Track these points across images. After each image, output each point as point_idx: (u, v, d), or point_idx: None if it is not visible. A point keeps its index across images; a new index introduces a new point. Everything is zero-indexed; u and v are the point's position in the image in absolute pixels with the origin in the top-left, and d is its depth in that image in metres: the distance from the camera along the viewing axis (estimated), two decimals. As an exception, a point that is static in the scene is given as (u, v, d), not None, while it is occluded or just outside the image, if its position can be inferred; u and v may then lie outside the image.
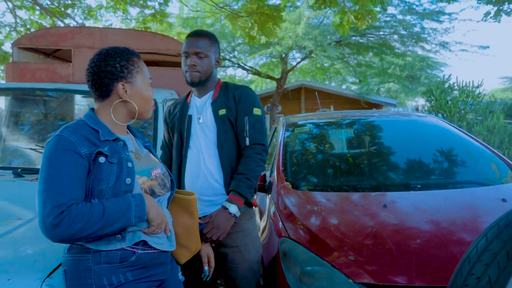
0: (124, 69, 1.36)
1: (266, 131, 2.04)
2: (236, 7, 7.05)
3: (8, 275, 1.30)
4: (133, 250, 1.30)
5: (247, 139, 1.91)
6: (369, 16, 5.24)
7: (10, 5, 8.26)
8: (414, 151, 2.97)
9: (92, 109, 1.41)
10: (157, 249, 1.36)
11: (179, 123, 2.00)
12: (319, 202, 2.26)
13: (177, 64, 4.64)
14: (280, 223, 2.15)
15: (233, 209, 1.80)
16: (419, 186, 2.37)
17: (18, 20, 8.51)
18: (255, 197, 2.00)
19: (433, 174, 2.72)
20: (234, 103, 1.95)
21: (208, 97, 1.99)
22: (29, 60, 3.80)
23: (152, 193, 1.38)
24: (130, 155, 1.35)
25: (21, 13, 8.97)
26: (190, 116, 1.98)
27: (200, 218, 1.89)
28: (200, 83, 1.94)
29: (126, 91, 1.36)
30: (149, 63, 4.31)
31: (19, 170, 2.38)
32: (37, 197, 1.18)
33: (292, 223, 2.10)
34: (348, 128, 3.47)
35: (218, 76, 2.14)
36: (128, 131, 1.50)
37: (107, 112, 1.38)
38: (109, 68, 1.35)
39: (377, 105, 16.63)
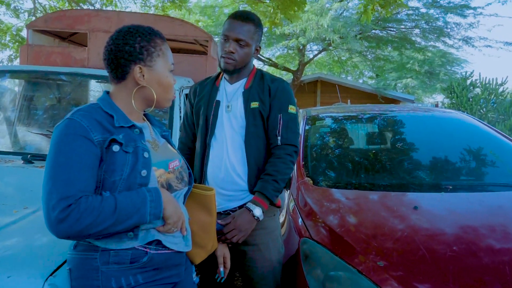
0: (143, 51, 1.23)
1: (299, 130, 1.90)
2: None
3: (8, 272, 1.19)
4: (145, 250, 1.18)
5: (279, 138, 1.78)
6: (396, 3, 5.01)
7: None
8: (442, 149, 2.80)
9: (107, 92, 1.28)
10: (172, 250, 1.24)
11: (206, 107, 1.85)
12: (342, 201, 2.12)
13: (195, 51, 4.53)
14: (300, 220, 2.01)
15: (258, 211, 1.68)
16: (450, 187, 2.21)
17: (37, 6, 8.45)
18: (279, 197, 1.87)
19: (464, 174, 2.56)
20: (269, 97, 1.81)
21: (240, 85, 1.85)
22: (44, 44, 3.70)
23: (169, 187, 1.26)
24: (147, 144, 1.23)
25: None
26: (218, 102, 1.84)
27: (219, 213, 1.77)
28: (234, 72, 1.81)
29: (143, 75, 1.23)
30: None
31: (29, 156, 2.28)
32: (42, 187, 1.06)
33: (313, 221, 1.96)
34: (372, 122, 3.31)
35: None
36: (145, 118, 1.38)
37: (123, 96, 1.25)
38: (127, 47, 1.21)
39: (394, 101, 16.29)
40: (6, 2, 9.09)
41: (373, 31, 13.37)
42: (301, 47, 14.21)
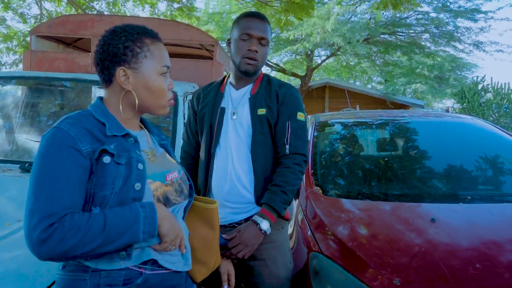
0: (128, 51, 1.12)
1: (308, 138, 1.80)
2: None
3: (-9, 294, 1.10)
4: (140, 270, 1.07)
5: (287, 147, 1.67)
6: (409, 2, 4.88)
7: (36, -4, 8.24)
8: (457, 156, 2.67)
9: (101, 98, 1.19)
10: (169, 269, 1.13)
11: (210, 114, 1.75)
12: (353, 212, 2.00)
13: (201, 56, 4.45)
14: (309, 233, 1.90)
15: (265, 225, 1.57)
16: (469, 197, 2.08)
17: (43, 12, 8.48)
18: (287, 210, 1.76)
19: (482, 183, 2.42)
20: (276, 103, 1.71)
21: (246, 91, 1.75)
22: (48, 50, 3.64)
23: (167, 201, 1.15)
24: (142, 154, 1.12)
25: (48, 5, 8.96)
26: (223, 109, 1.74)
27: (224, 226, 1.67)
28: (255, 74, 1.72)
29: (128, 78, 1.13)
30: (171, 55, 4.13)
31: (27, 165, 2.20)
32: (26, 203, 0.96)
33: (323, 234, 1.84)
34: (383, 128, 3.18)
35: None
36: (142, 125, 1.28)
37: (113, 101, 1.15)
38: (111, 48, 1.12)
39: (404, 106, 16.11)
40: (13, 7, 9.15)
41: (382, 35, 13.24)
42: (309, 53, 14.13)
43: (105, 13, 8.69)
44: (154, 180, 1.11)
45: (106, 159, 1.03)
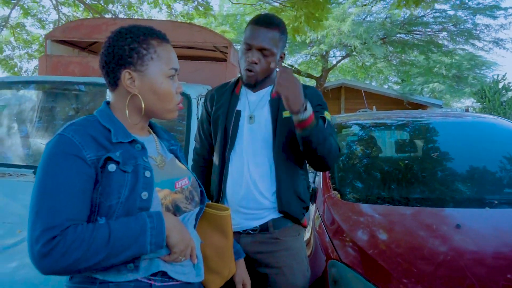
0: (133, 53, 1.07)
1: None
2: (277, 3, 6.70)
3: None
4: (150, 282, 1.02)
5: None
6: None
7: (54, 1, 8.35)
8: (480, 157, 2.56)
9: (108, 103, 1.14)
10: (180, 281, 1.08)
11: (225, 117, 1.69)
12: (374, 217, 1.92)
13: (215, 59, 4.42)
14: (328, 239, 1.83)
15: (309, 106, 1.43)
16: (496, 202, 1.97)
17: (61, 16, 8.59)
18: (305, 216, 1.69)
19: (508, 186, 2.31)
20: None
21: (265, 93, 1.67)
22: (64, 54, 3.66)
23: (177, 210, 1.10)
24: (149, 161, 1.07)
25: (66, 10, 9.09)
26: (239, 112, 1.67)
27: (238, 232, 1.62)
28: (256, 84, 1.64)
29: (134, 81, 1.08)
30: (185, 57, 4.10)
31: (40, 170, 2.18)
32: (28, 214, 0.92)
33: (342, 241, 1.77)
34: (403, 130, 3.08)
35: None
36: (151, 130, 1.23)
37: (120, 106, 1.11)
38: (116, 50, 1.07)
39: (421, 106, 15.82)
40: (32, 13, 9.31)
41: (398, 35, 13.02)
42: (324, 54, 14.01)
43: (121, 15, 8.75)
44: (163, 188, 1.06)
45: (111, 167, 0.98)
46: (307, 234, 2.18)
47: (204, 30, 3.49)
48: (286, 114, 1.61)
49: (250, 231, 1.63)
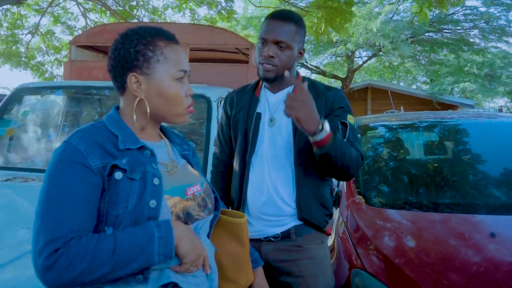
0: (139, 56, 1.02)
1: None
2: (301, 4, 6.63)
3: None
4: (161, 293, 0.98)
5: (345, 140, 1.50)
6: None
7: (82, 9, 8.57)
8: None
9: (117, 108, 1.11)
10: (193, 293, 1.03)
11: (245, 120, 1.63)
12: (400, 224, 1.82)
13: (237, 61, 4.39)
14: (352, 246, 1.75)
15: (326, 125, 1.36)
16: (534, 208, 1.84)
17: (89, 22, 8.80)
18: (329, 224, 1.62)
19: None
20: (325, 107, 1.55)
21: (285, 94, 1.59)
22: (88, 59, 3.71)
23: (188, 217, 1.05)
24: (159, 168, 1.03)
25: (93, 16, 9.31)
26: (259, 115, 1.61)
27: (259, 240, 1.56)
28: (275, 80, 1.56)
29: (140, 85, 1.03)
30: (206, 60, 4.09)
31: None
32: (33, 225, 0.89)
33: (366, 249, 1.69)
34: (432, 131, 2.95)
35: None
36: (162, 134, 1.18)
37: (128, 110, 1.07)
38: (122, 52, 1.03)
39: (451, 106, 15.34)
40: (62, 21, 9.59)
41: (427, 34, 12.68)
42: (349, 54, 13.80)
43: (145, 20, 8.87)
44: (172, 195, 1.02)
45: (118, 175, 0.94)
46: (330, 240, 2.10)
47: (225, 32, 3.46)
48: None
49: (272, 239, 1.57)
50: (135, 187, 0.95)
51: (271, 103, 1.62)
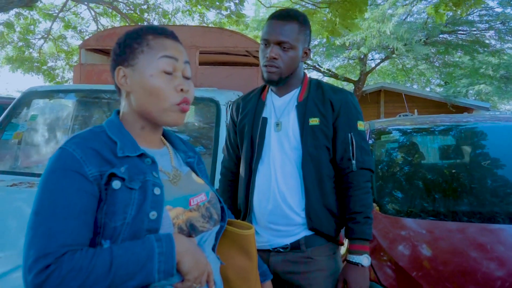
0: (126, 49, 0.98)
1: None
2: (310, 4, 6.56)
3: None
4: (161, 311, 0.91)
5: (354, 162, 1.46)
6: (473, 1, 4.45)
7: (93, 13, 8.62)
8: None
9: (118, 112, 1.05)
10: (195, 310, 0.96)
11: (251, 125, 1.58)
12: (417, 234, 1.73)
13: (248, 64, 4.34)
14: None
15: (366, 260, 1.42)
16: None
17: (100, 27, 8.85)
18: (342, 233, 1.55)
19: None
20: (331, 111, 1.49)
21: (292, 97, 1.55)
22: (97, 62, 3.69)
23: (192, 229, 0.98)
24: (161, 176, 0.97)
25: (104, 21, 9.38)
26: (265, 120, 1.55)
27: (268, 250, 1.50)
28: (280, 82, 1.50)
29: (127, 78, 0.98)
30: (217, 63, 4.04)
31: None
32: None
33: (380, 260, 1.60)
34: (449, 135, 2.85)
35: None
36: (165, 140, 1.12)
37: (126, 111, 1.01)
38: (113, 49, 1.01)
39: (467, 109, 15.07)
40: (73, 25, 9.68)
41: (441, 35, 12.48)
42: (362, 57, 13.66)
43: (155, 23, 8.90)
44: (175, 206, 0.95)
45: (116, 184, 0.88)
46: (342, 250, 2.01)
47: (235, 34, 3.41)
48: (313, 121, 1.47)
49: (281, 249, 1.50)
50: (134, 197, 0.88)
51: (277, 107, 1.55)
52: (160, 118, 0.98)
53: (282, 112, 1.54)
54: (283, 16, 1.48)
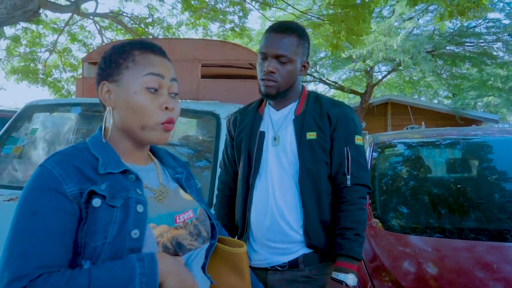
0: (112, 64, 0.95)
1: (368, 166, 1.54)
2: (315, 17, 6.59)
3: None
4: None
5: (349, 177, 1.42)
6: (478, 8, 4.42)
7: (98, 27, 8.74)
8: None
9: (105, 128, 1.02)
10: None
11: (248, 140, 1.54)
12: (422, 252, 1.67)
13: (249, 76, 4.32)
14: (367, 277, 1.60)
15: (351, 280, 1.33)
16: None
17: (105, 40, 8.95)
18: None
19: None
20: (329, 125, 1.46)
21: (289, 111, 1.51)
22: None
23: (179, 248, 0.93)
24: (146, 193, 0.93)
25: (109, 34, 9.49)
26: (263, 134, 1.52)
27: (266, 269, 1.45)
28: (278, 96, 1.47)
29: (111, 94, 0.95)
30: (219, 76, 4.03)
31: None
32: None
33: (382, 281, 1.54)
34: (455, 149, 2.78)
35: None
36: (153, 156, 1.08)
37: (110, 129, 0.98)
38: (99, 64, 0.98)
39: (475, 121, 14.94)
40: (79, 39, 9.81)
41: (448, 47, 12.44)
42: (368, 69, 13.65)
43: (160, 37, 8.99)
44: (159, 224, 0.91)
45: (96, 202, 0.84)
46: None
47: (237, 47, 3.40)
48: (310, 135, 1.43)
49: (278, 268, 1.45)
50: (116, 215, 0.85)
51: (274, 121, 1.51)
52: (143, 136, 0.95)
53: (279, 126, 1.50)
54: (281, 29, 1.46)
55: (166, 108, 0.94)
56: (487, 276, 1.42)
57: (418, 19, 11.61)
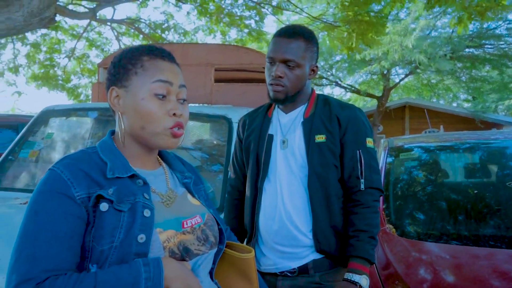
0: (121, 69, 0.96)
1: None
2: (331, 19, 6.57)
3: None
4: None
5: (362, 181, 1.40)
6: (497, 7, 4.33)
7: (116, 33, 8.88)
8: None
9: (113, 132, 1.03)
10: None
11: (257, 143, 1.54)
12: (437, 260, 1.62)
13: (262, 80, 4.32)
14: (380, 284, 1.56)
15: (364, 281, 1.31)
16: None
17: (122, 46, 9.08)
18: None
19: None
20: (338, 128, 1.44)
21: (298, 114, 1.50)
22: (116, 81, 3.74)
23: (186, 253, 0.93)
24: (154, 198, 0.93)
25: (126, 40, 9.64)
26: (271, 137, 1.51)
27: (275, 274, 1.43)
28: (286, 100, 1.46)
29: (119, 99, 0.96)
30: (233, 80, 4.03)
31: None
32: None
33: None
34: (472, 154, 2.72)
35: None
36: (162, 160, 1.08)
37: (119, 132, 0.99)
38: (108, 70, 0.99)
39: (496, 125, 14.62)
40: (97, 45, 10.00)
41: (467, 49, 12.21)
42: (385, 72, 13.49)
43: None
44: (165, 229, 0.91)
45: (103, 206, 0.85)
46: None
47: (251, 51, 3.40)
48: (319, 138, 1.41)
49: (288, 274, 1.43)
50: (123, 220, 0.85)
51: (283, 124, 1.50)
52: (152, 141, 0.96)
53: (288, 129, 1.49)
54: (288, 33, 1.44)
55: (174, 114, 0.95)
56: (506, 285, 1.36)
57: (436, 21, 11.43)
